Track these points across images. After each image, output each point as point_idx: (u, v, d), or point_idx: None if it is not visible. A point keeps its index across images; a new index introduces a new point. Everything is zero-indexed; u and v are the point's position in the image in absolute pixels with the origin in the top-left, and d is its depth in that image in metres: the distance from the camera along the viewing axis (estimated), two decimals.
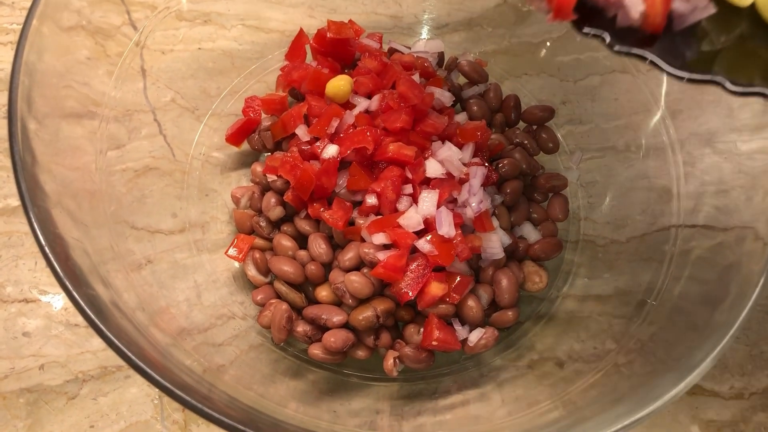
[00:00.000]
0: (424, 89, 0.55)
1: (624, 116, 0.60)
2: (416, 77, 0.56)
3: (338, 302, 0.51)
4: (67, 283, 0.36)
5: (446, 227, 0.50)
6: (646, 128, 0.57)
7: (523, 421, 0.43)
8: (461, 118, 0.58)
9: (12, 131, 0.40)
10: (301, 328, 0.50)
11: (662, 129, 0.55)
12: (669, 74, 0.31)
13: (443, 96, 0.56)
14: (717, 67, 0.31)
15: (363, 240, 0.51)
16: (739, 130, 0.50)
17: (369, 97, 0.55)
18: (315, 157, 0.53)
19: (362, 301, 0.50)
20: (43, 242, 0.37)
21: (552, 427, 0.41)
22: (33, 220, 0.38)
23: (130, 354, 0.35)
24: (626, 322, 0.50)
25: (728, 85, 0.30)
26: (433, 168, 0.52)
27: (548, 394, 0.46)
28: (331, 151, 0.52)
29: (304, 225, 0.54)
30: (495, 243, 0.52)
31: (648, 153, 0.57)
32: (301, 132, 0.55)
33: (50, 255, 0.37)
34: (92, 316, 0.36)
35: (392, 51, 0.59)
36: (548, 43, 0.62)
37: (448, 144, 0.53)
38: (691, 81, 0.31)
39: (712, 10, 0.31)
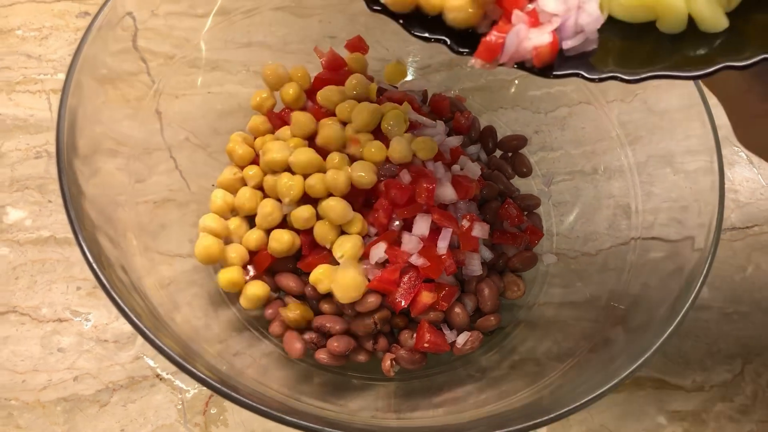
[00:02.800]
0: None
1: (590, 143, 0.66)
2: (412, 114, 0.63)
3: (340, 312, 0.58)
4: (115, 295, 0.43)
5: (443, 243, 0.56)
6: (609, 153, 0.64)
7: (502, 405, 0.49)
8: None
9: (60, 167, 0.47)
10: (308, 335, 0.57)
11: (622, 153, 0.63)
12: (536, 74, 0.35)
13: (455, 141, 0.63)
14: (578, 62, 0.35)
15: None
16: (686, 153, 0.57)
17: None
18: None
19: None
20: (90, 259, 0.44)
21: (528, 408, 0.47)
22: (82, 241, 0.44)
23: (171, 353, 0.41)
24: (594, 324, 0.56)
25: (585, 74, 0.35)
26: None
27: (527, 386, 0.52)
28: None
29: None
30: (476, 263, 0.59)
31: (612, 175, 0.64)
32: None
33: (98, 271, 0.44)
34: (138, 323, 0.42)
35: (382, 90, 0.66)
36: (516, 81, 0.70)
37: (444, 186, 0.59)
38: (556, 77, 0.35)
39: (596, 44, 0.35)
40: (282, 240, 0.56)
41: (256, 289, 0.56)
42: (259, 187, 0.61)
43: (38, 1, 0.78)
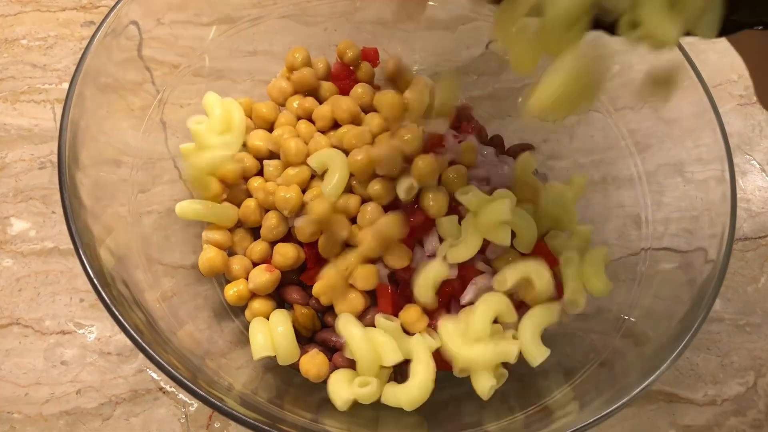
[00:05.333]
0: None
1: (599, 152, 0.66)
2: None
3: None
4: (114, 310, 0.42)
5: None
6: (619, 162, 0.63)
7: (508, 422, 0.48)
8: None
9: (61, 180, 0.46)
10: (313, 349, 0.56)
11: (631, 162, 0.62)
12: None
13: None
14: None
15: None
16: (697, 162, 0.56)
17: None
18: None
19: None
20: (91, 274, 0.43)
21: (535, 426, 0.46)
22: (82, 255, 0.44)
23: (172, 370, 0.41)
24: (604, 336, 0.55)
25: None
26: None
27: (534, 401, 0.51)
28: None
29: None
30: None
31: (621, 184, 0.63)
32: None
33: (98, 285, 0.43)
34: (137, 338, 0.42)
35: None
36: (524, 90, 0.69)
37: None
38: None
39: None
40: (287, 255, 0.55)
41: (262, 303, 0.56)
42: None
43: (43, 10, 0.78)
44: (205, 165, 0.57)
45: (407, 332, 0.54)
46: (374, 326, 0.53)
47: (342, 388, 0.50)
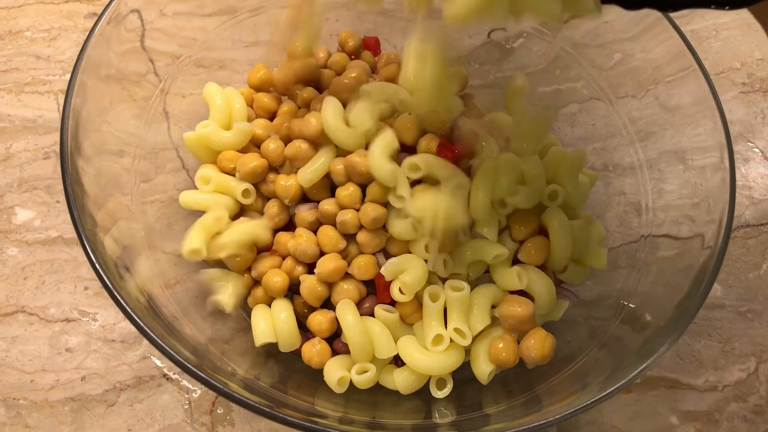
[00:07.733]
0: None
1: (600, 140, 0.66)
2: None
3: None
4: (117, 295, 0.43)
5: None
6: (620, 150, 0.63)
7: (510, 404, 0.49)
8: None
9: (64, 168, 0.47)
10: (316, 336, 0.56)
11: (632, 150, 0.62)
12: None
13: None
14: None
15: None
16: (698, 149, 0.56)
17: None
18: None
19: None
20: (93, 259, 0.44)
21: (537, 407, 0.47)
22: (84, 240, 0.44)
23: (175, 355, 0.41)
24: (604, 322, 0.56)
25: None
26: None
27: (535, 385, 0.52)
28: None
29: None
30: None
31: (623, 172, 0.63)
32: None
33: (100, 269, 0.44)
34: (140, 323, 0.42)
35: None
36: (523, 78, 0.69)
37: None
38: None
39: None
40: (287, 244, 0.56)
41: (264, 291, 0.56)
42: None
43: (47, 2, 0.78)
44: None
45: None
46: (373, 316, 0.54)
47: (337, 371, 0.51)
